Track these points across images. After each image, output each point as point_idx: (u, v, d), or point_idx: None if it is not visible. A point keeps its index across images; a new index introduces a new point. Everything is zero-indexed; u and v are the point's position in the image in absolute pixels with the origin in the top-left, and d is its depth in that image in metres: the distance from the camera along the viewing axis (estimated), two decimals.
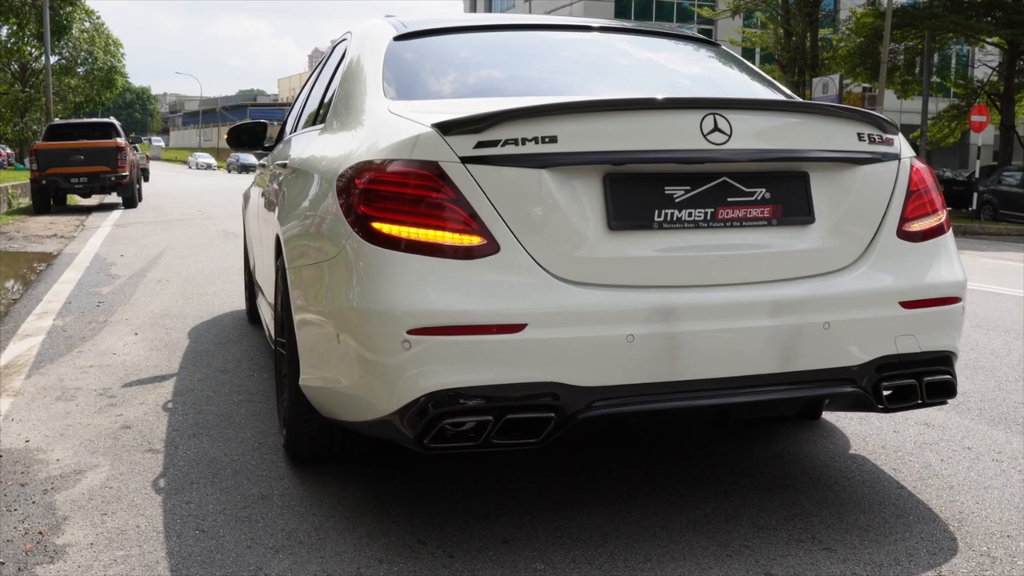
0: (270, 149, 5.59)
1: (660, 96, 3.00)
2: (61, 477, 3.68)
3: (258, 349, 5.95)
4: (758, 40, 33.79)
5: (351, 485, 3.53)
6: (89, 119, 27.74)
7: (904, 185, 3.28)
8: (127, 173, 21.05)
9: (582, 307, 2.82)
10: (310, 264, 3.30)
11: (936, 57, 30.97)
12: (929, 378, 3.19)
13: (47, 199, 20.97)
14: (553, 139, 2.86)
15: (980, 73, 33.66)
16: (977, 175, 26.88)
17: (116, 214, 19.63)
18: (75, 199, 23.56)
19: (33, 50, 36.72)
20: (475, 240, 2.82)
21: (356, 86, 3.70)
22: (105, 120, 23.54)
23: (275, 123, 6.12)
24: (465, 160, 2.84)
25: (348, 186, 3.00)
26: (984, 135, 27.01)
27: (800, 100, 3.56)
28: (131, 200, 21.78)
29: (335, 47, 4.76)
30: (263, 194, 5.22)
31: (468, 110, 2.91)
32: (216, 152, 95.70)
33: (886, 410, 3.17)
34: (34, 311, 7.56)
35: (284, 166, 4.40)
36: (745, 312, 2.94)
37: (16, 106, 44.45)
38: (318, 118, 4.24)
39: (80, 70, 47.40)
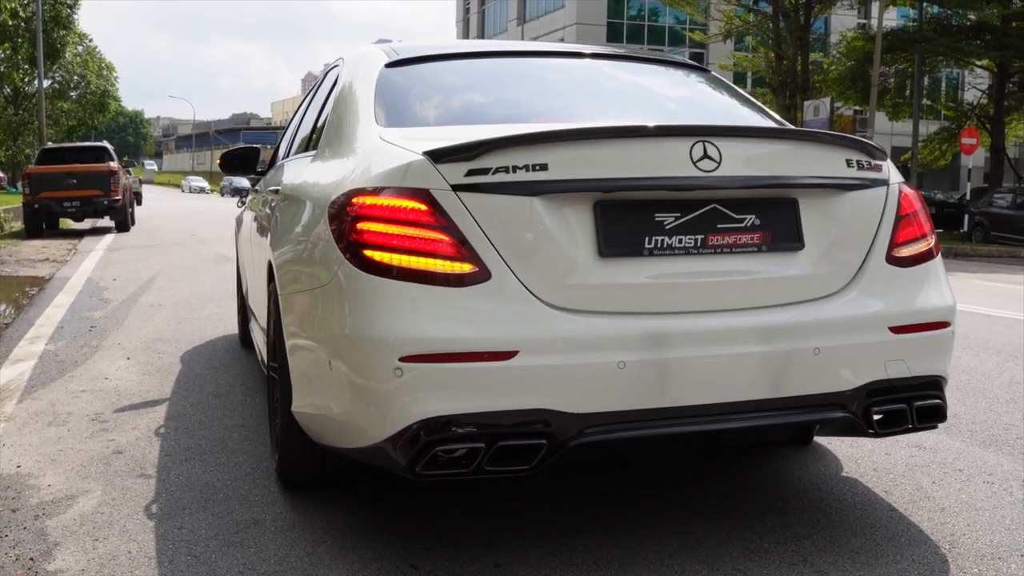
0: (263, 174, 5.58)
1: (650, 123, 3.00)
2: (53, 503, 3.67)
3: (250, 373, 5.95)
4: (749, 64, 33.96)
5: (343, 510, 3.53)
6: (82, 143, 27.80)
7: (893, 211, 3.28)
8: (120, 197, 21.05)
9: (573, 334, 2.81)
10: (302, 290, 3.27)
11: (926, 80, 31.15)
12: (919, 403, 3.18)
13: (39, 223, 20.94)
14: (544, 167, 2.85)
15: (970, 96, 33.85)
16: (968, 197, 27.00)
17: (109, 238, 19.62)
18: (68, 223, 23.52)
19: (26, 75, 36.76)
20: (466, 267, 2.81)
21: (348, 112, 3.69)
22: (98, 144, 23.59)
23: (268, 147, 6.22)
24: (456, 188, 2.84)
25: (340, 213, 2.98)
26: (975, 157, 27.13)
27: (789, 127, 3.63)
28: (124, 224, 21.77)
29: (327, 72, 4.76)
30: (255, 219, 5.21)
31: (459, 137, 2.92)
32: (209, 176, 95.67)
33: (877, 435, 3.16)
34: (26, 335, 7.55)
35: (276, 192, 4.36)
36: (735, 338, 2.93)
37: (9, 130, 44.51)
38: (311, 144, 4.21)
39: (73, 94, 47.53)
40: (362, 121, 3.51)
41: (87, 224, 23.95)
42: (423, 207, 2.84)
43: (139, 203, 32.42)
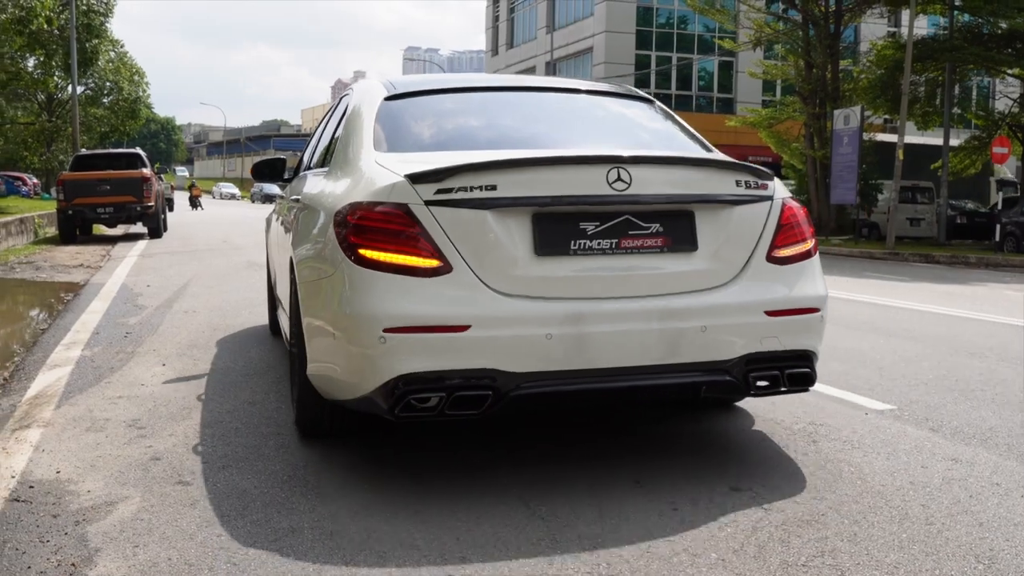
0: (289, 181, 6.36)
1: (575, 153, 3.99)
2: (92, 508, 3.71)
3: (285, 381, 5.98)
4: (778, 72, 33.79)
5: (379, 518, 3.55)
6: (115, 150, 27.99)
7: (775, 220, 4.14)
8: (152, 203, 21.22)
9: (513, 313, 3.71)
10: (314, 280, 4.19)
11: (957, 88, 30.91)
12: (790, 371, 4.07)
13: (74, 229, 21.14)
14: (493, 187, 3.75)
15: (1001, 104, 33.56)
16: (1000, 206, 26.77)
17: (142, 244, 19.79)
18: (101, 229, 23.74)
19: (59, 80, 37.15)
20: (434, 263, 3.71)
21: (353, 138, 4.63)
22: (131, 151, 23.77)
23: (296, 153, 6.92)
24: (428, 203, 3.74)
25: (342, 221, 3.88)
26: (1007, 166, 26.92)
27: (689, 155, 4.41)
28: (156, 230, 21.94)
29: (341, 99, 5.70)
30: (282, 223, 6.06)
31: (434, 163, 3.84)
32: (240, 182, 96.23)
33: (755, 394, 4.17)
34: (62, 341, 7.63)
35: (298, 201, 5.23)
36: (639, 318, 3.81)
37: (42, 136, 44.97)
38: (326, 160, 5.15)
39: (105, 100, 47.89)
40: (364, 147, 4.45)
41: (120, 230, 24.16)
42: (403, 217, 3.75)
43: (171, 209, 32.65)
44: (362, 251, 3.77)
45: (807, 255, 4.24)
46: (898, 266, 19.61)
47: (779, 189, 4.23)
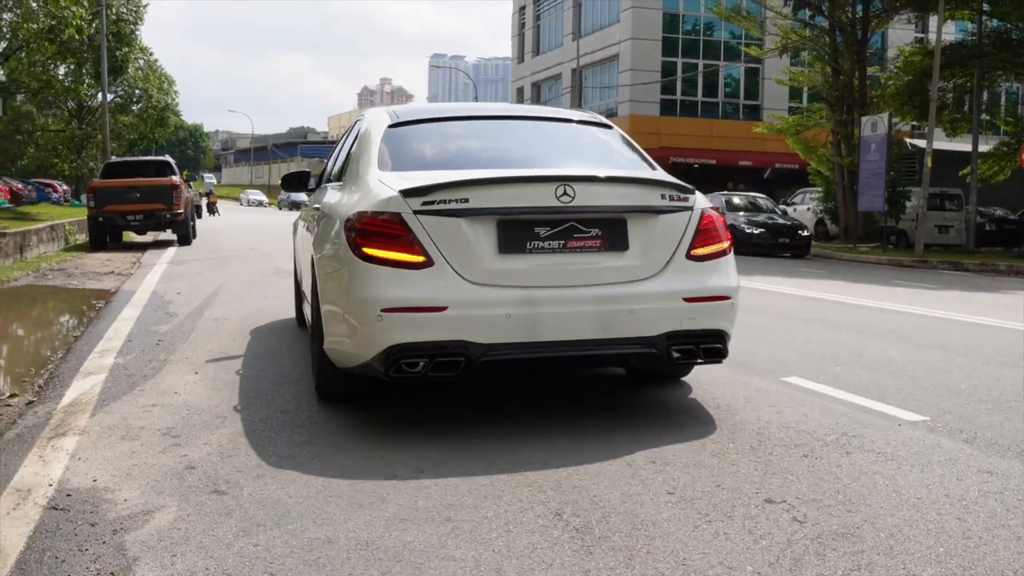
0: (312, 191, 7.63)
1: (531, 173, 4.99)
2: (130, 517, 3.74)
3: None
4: (805, 79, 33.62)
5: (414, 529, 3.57)
6: (145, 157, 28.21)
7: (695, 226, 5.14)
8: (182, 211, 21.36)
9: (481, 298, 4.74)
10: (329, 273, 5.24)
11: (985, 94, 30.67)
12: (704, 345, 5.11)
13: (104, 236, 21.30)
14: (466, 200, 4.79)
15: None
16: None
17: (171, 251, 19.92)
18: (130, 236, 23.91)
19: (89, 88, 37.49)
20: (420, 259, 4.76)
21: (363, 158, 5.67)
22: (160, 158, 23.94)
23: (322, 160, 8.35)
24: (416, 212, 4.79)
25: (351, 226, 4.93)
26: None
27: (622, 175, 5.28)
28: (186, 237, 22.08)
29: (357, 122, 6.78)
30: (306, 227, 7.12)
31: (424, 180, 4.90)
32: (267, 189, 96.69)
33: (676, 365, 5.30)
34: (96, 349, 7.70)
35: (318, 209, 6.30)
36: (580, 302, 4.84)
37: (72, 143, 45.38)
38: (342, 175, 6.24)
39: (134, 108, 48.29)
40: (371, 165, 5.49)
41: (149, 237, 24.35)
42: (396, 224, 4.79)
43: (199, 216, 32.84)
44: (365, 249, 4.83)
45: (722, 253, 5.28)
46: (927, 274, 19.49)
47: (700, 201, 5.26)
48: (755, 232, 24.58)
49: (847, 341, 8.37)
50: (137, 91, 47.11)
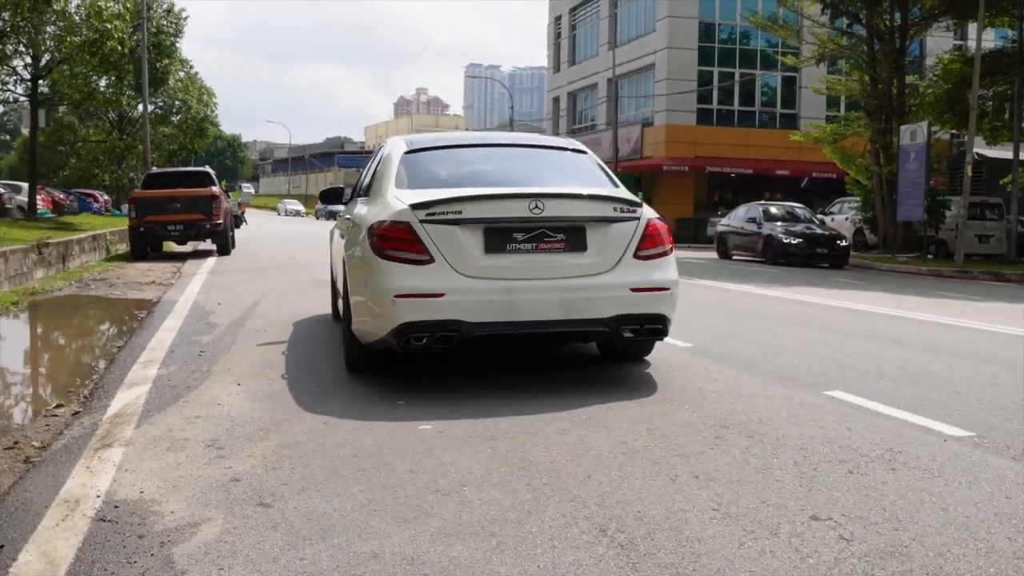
0: (346, 203, 9.10)
1: (510, 191, 6.29)
2: (177, 530, 3.78)
3: (358, 401, 6.05)
4: (842, 88, 33.35)
5: (460, 542, 3.57)
6: (185, 168, 28.47)
7: (641, 232, 6.44)
8: (221, 221, 21.53)
9: (470, 287, 6.05)
10: (356, 269, 6.65)
11: None
12: (648, 326, 6.43)
13: (145, 246, 21.51)
14: (460, 212, 6.13)
15: None
16: None
17: (211, 261, 20.08)
18: (171, 246, 24.13)
19: (130, 99, 37.92)
20: (424, 257, 6.09)
21: (384, 178, 7.09)
22: (200, 169, 24.14)
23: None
24: (422, 221, 6.13)
25: (372, 232, 6.31)
26: None
27: (582, 192, 6.56)
28: (225, 247, 22.24)
29: (381, 148, 8.22)
30: (340, 235, 8.42)
31: (429, 196, 6.25)
32: (304, 199, 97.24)
33: (627, 342, 6.79)
34: (139, 359, 7.78)
35: (349, 219, 7.89)
36: (548, 290, 6.16)
37: (113, 154, 45.88)
38: (368, 191, 7.68)
39: (174, 119, 48.75)
40: (390, 183, 6.89)
41: (189, 247, 24.55)
42: (407, 230, 6.14)
43: (238, 226, 33.08)
44: (382, 249, 6.20)
45: (664, 254, 6.61)
46: (968, 284, 19.28)
47: (646, 212, 6.58)
48: (792, 242, 24.45)
49: (889, 354, 8.30)
50: (177, 102, 47.56)
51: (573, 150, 7.73)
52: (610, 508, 3.97)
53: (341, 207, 9.59)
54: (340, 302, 8.06)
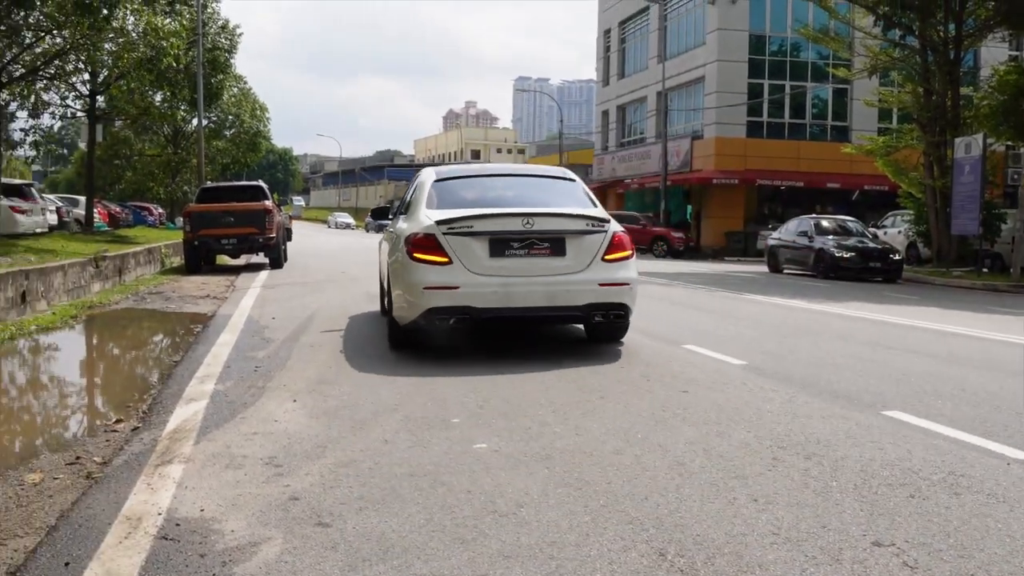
0: (391, 220, 11.20)
1: (508, 211, 8.37)
2: (237, 549, 3.81)
3: (414, 420, 6.06)
4: (895, 100, 32.95)
5: (519, 565, 3.57)
6: (239, 182, 28.77)
7: (608, 241, 8.43)
8: (274, 235, 21.73)
9: (479, 282, 8.11)
10: (396, 270, 8.74)
11: None
12: (612, 312, 8.52)
13: (199, 259, 21.76)
14: (471, 226, 8.23)
15: None
16: None
17: (263, 275, 20.27)
18: (224, 259, 24.38)
19: (184, 114, 38.41)
20: (445, 260, 8.15)
21: (417, 201, 9.18)
22: (254, 183, 24.39)
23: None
24: (444, 233, 8.20)
25: (408, 241, 8.38)
26: None
27: (562, 212, 8.57)
28: (277, 261, 22.43)
29: (417, 176, 10.34)
30: (386, 245, 10.51)
31: (450, 215, 8.36)
32: (355, 212, 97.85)
33: (596, 324, 8.82)
34: (196, 374, 7.87)
35: (392, 232, 10.04)
36: (536, 284, 8.19)
37: (168, 168, 46.49)
38: (407, 210, 9.70)
39: (227, 133, 49.32)
40: (423, 205, 8.92)
41: (242, 260, 24.78)
42: (432, 240, 8.22)
43: (290, 239, 33.39)
44: (415, 254, 8.34)
45: (626, 258, 8.67)
46: None
47: (613, 226, 8.68)
48: (845, 256, 24.22)
49: (947, 373, 8.19)
50: (230, 117, 48.14)
51: (564, 178, 9.95)
52: (669, 531, 3.95)
53: (387, 222, 11.67)
54: (386, 299, 10.11)
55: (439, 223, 8.31)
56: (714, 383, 7.42)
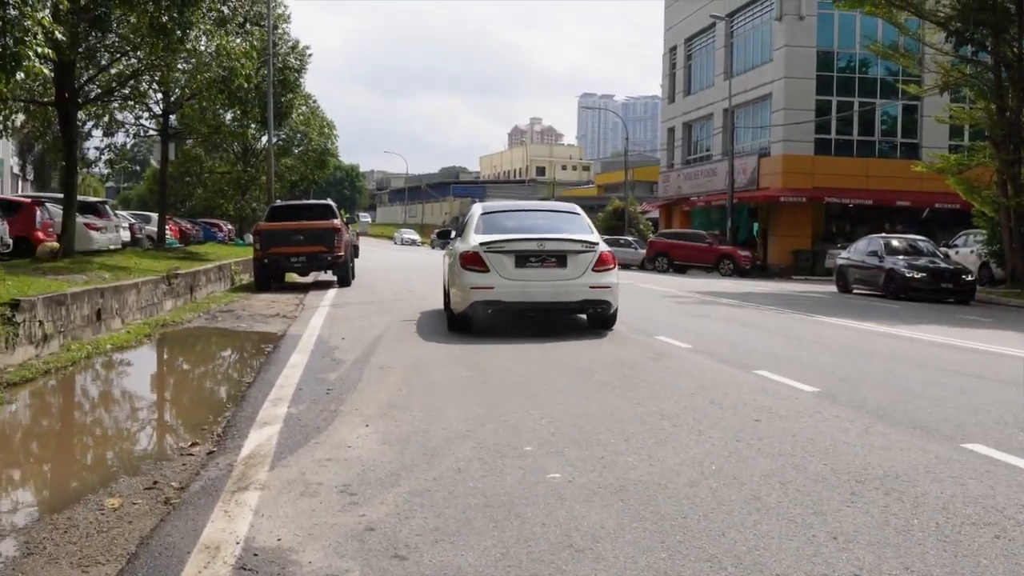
0: (451, 240, 15.00)
1: (529, 236, 12.58)
2: None
3: (487, 448, 6.06)
4: (967, 116, 32.37)
5: None
6: (308, 201, 29.05)
7: (596, 257, 12.50)
8: (342, 253, 21.88)
9: (507, 284, 12.25)
10: (453, 276, 12.93)
11: None
12: (600, 308, 12.67)
13: (269, 277, 22.00)
14: (503, 246, 12.40)
15: None
16: None
17: (331, 293, 20.43)
18: (292, 276, 24.61)
19: (254, 132, 38.96)
20: (485, 269, 12.28)
21: (469, 227, 13.41)
22: (323, 202, 24.61)
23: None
24: (484, 251, 12.37)
25: (461, 256, 12.59)
26: None
27: (566, 237, 12.68)
28: (345, 279, 22.59)
29: (472, 208, 15.01)
30: (447, 258, 14.26)
31: (489, 238, 12.57)
32: (420, 228, 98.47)
33: (590, 315, 13.03)
34: (269, 397, 7.96)
35: (451, 249, 14.03)
36: (546, 287, 12.37)
37: (238, 185, 47.18)
38: (462, 234, 13.79)
39: (295, 150, 49.96)
40: (472, 231, 13.10)
41: (310, 278, 24.99)
42: (477, 256, 12.38)
43: (357, 255, 33.68)
44: (465, 265, 12.32)
45: (609, 269, 12.50)
46: None
47: (601, 246, 12.67)
48: (916, 276, 23.80)
49: None
50: (298, 135, 48.77)
51: (571, 212, 14.28)
52: (748, 570, 3.91)
53: (448, 241, 16.10)
54: (446, 297, 14.09)
55: (482, 244, 12.44)
56: (787, 411, 7.33)
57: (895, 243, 26.48)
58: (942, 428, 6.78)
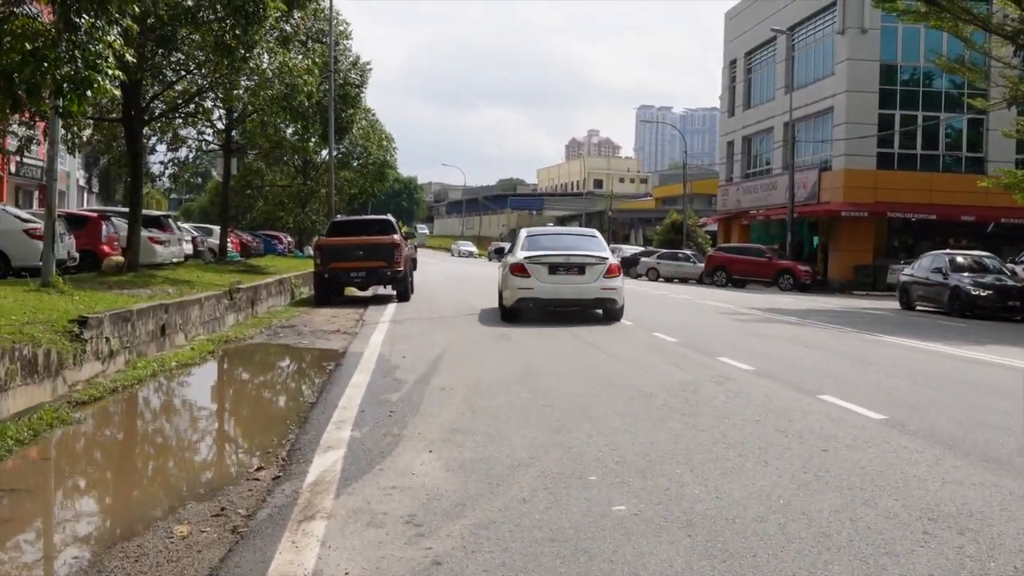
0: (505, 255, 20.69)
1: (558, 253, 18.02)
2: None
3: (551, 477, 6.03)
4: None
5: None
6: (368, 216, 29.25)
7: (607, 267, 17.69)
8: (402, 268, 22.01)
9: (542, 286, 17.46)
10: (504, 281, 18.26)
11: None
12: (608, 305, 17.87)
13: (329, 292, 22.19)
14: (541, 260, 17.62)
15: None
16: None
17: (391, 308, 20.55)
18: (352, 290, 24.79)
19: (315, 145, 39.31)
20: (528, 276, 17.40)
21: (518, 245, 18.96)
22: (382, 217, 24.79)
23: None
24: (527, 263, 17.54)
25: (510, 267, 17.84)
26: None
27: (586, 253, 18.00)
28: (404, 294, 22.69)
29: (520, 230, 21.55)
30: (502, 271, 19.21)
31: (531, 254, 17.84)
32: (477, 240, 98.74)
33: (603, 311, 18.15)
34: (332, 419, 7.99)
35: (503, 261, 19.60)
36: (570, 288, 17.69)
37: (298, 198, 47.65)
38: (511, 251, 19.51)
39: (355, 163, 50.34)
40: (520, 248, 18.60)
41: (369, 292, 25.15)
42: (522, 266, 17.49)
43: (415, 268, 33.87)
44: (512, 273, 17.54)
45: (615, 276, 17.76)
46: None
47: (611, 259, 18.02)
48: (982, 294, 23.40)
49: None
50: (358, 148, 49.16)
51: (592, 235, 19.65)
52: None
53: (502, 255, 21.22)
54: (500, 296, 18.43)
55: (525, 258, 17.34)
56: (855, 441, 7.22)
57: (960, 259, 26.05)
58: (1016, 461, 6.63)
